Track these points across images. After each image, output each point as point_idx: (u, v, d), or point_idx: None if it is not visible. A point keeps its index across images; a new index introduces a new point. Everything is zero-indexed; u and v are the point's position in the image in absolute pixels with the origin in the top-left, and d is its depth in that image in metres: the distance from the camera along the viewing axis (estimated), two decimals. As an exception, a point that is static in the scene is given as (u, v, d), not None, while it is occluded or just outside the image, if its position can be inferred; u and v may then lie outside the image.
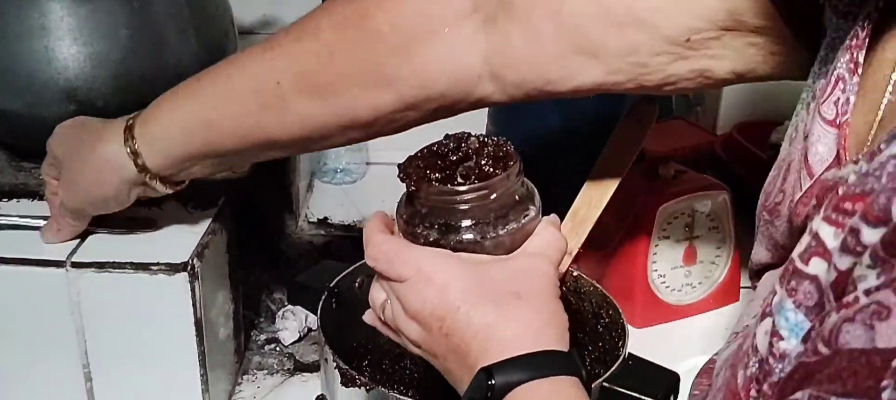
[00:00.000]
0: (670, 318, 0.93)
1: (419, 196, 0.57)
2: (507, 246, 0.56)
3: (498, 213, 0.56)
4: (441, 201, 0.56)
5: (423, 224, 0.56)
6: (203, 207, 0.77)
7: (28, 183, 0.81)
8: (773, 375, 0.43)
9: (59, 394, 0.74)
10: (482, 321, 0.51)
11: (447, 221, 0.56)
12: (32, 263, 0.70)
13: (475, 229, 0.56)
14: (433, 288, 0.52)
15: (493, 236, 0.56)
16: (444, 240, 0.55)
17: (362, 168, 1.24)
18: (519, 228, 0.56)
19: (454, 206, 0.55)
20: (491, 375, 0.49)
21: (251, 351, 0.89)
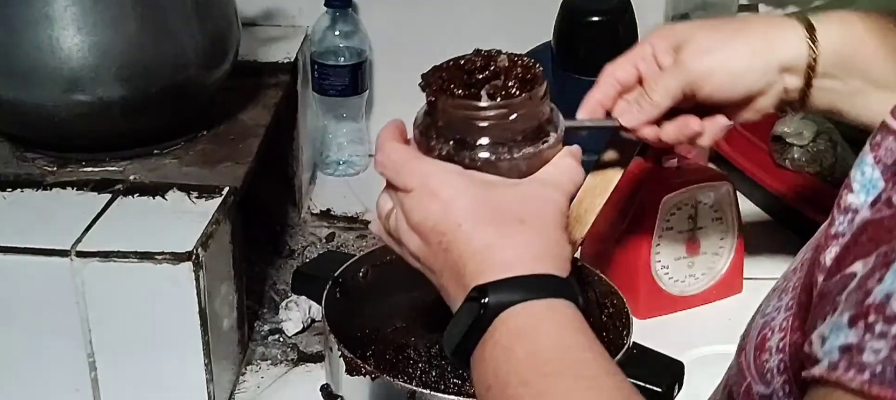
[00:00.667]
0: (673, 309, 0.92)
1: (437, 108, 0.55)
2: (522, 170, 0.54)
3: (516, 135, 0.54)
4: (459, 116, 0.54)
5: (438, 137, 0.54)
6: (207, 198, 0.77)
7: (32, 173, 0.81)
8: (833, 226, 0.41)
9: (64, 383, 0.74)
10: (481, 241, 0.50)
11: (463, 137, 0.53)
12: (37, 253, 0.70)
13: (490, 149, 0.53)
14: (437, 202, 0.51)
15: (507, 158, 0.53)
16: (457, 156, 0.53)
17: (365, 160, 1.24)
18: (535, 153, 0.54)
19: (471, 122, 0.53)
20: (484, 292, 0.48)
21: (254, 342, 0.89)
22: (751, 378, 0.48)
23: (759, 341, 0.48)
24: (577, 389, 0.44)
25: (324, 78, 1.17)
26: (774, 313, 0.48)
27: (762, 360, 0.47)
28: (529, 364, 0.46)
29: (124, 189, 0.79)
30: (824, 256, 0.40)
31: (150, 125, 0.84)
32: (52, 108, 0.79)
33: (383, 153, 0.55)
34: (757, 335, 0.49)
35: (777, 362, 0.46)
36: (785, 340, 0.46)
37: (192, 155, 0.86)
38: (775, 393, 0.46)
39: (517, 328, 0.47)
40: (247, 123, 0.93)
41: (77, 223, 0.73)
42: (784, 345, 0.46)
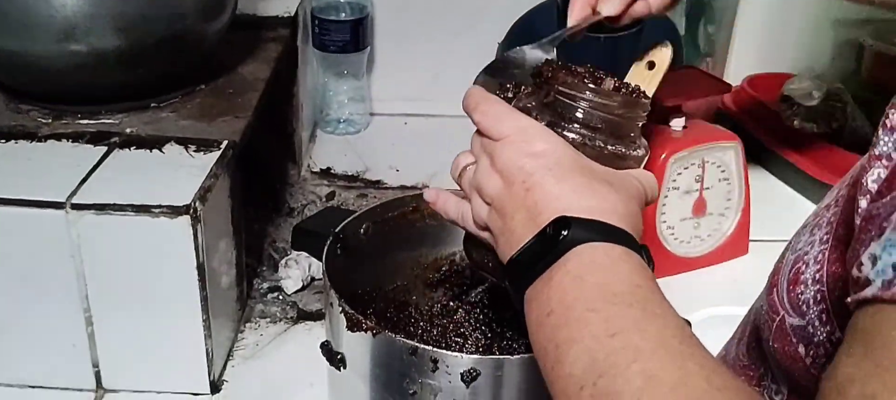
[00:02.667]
0: (678, 270, 0.91)
1: (555, 81, 0.56)
2: (605, 165, 0.55)
3: (612, 130, 0.55)
4: (568, 91, 0.55)
5: (536, 111, 0.55)
6: (205, 151, 0.76)
7: (26, 125, 0.80)
8: (876, 147, 0.40)
9: (60, 338, 0.72)
10: (570, 185, 0.50)
11: (560, 113, 0.55)
12: (31, 204, 0.68)
13: (586, 129, 0.54)
14: (530, 147, 0.51)
15: (599, 146, 0.54)
16: (555, 127, 0.54)
17: (366, 119, 1.23)
18: (625, 154, 0.55)
19: (578, 99, 0.55)
20: (566, 224, 0.47)
21: (254, 299, 0.88)
22: (784, 312, 0.48)
23: (793, 275, 0.48)
24: (645, 319, 0.43)
25: (324, 33, 1.15)
26: (807, 247, 0.48)
27: (797, 292, 0.47)
28: (599, 292, 0.45)
29: (120, 142, 0.77)
30: (867, 179, 0.39)
31: (147, 77, 0.82)
32: (47, 58, 0.77)
33: (485, 103, 0.55)
34: (790, 270, 0.48)
35: (813, 293, 0.46)
36: (822, 271, 0.46)
37: (190, 108, 0.84)
38: (810, 323, 0.46)
39: (592, 261, 0.46)
40: (246, 78, 0.91)
41: (72, 175, 0.71)
42: (821, 276, 0.46)
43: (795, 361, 0.47)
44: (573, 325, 0.44)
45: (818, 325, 0.45)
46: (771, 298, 0.50)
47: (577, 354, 0.43)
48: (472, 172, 0.55)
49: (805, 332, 0.46)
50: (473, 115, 0.55)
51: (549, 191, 0.50)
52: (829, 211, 0.48)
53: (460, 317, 0.73)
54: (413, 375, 0.60)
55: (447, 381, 0.60)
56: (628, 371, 0.40)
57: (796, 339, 0.47)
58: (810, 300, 0.46)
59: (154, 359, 0.74)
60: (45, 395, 0.75)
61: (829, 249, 0.46)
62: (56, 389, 0.75)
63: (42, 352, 0.74)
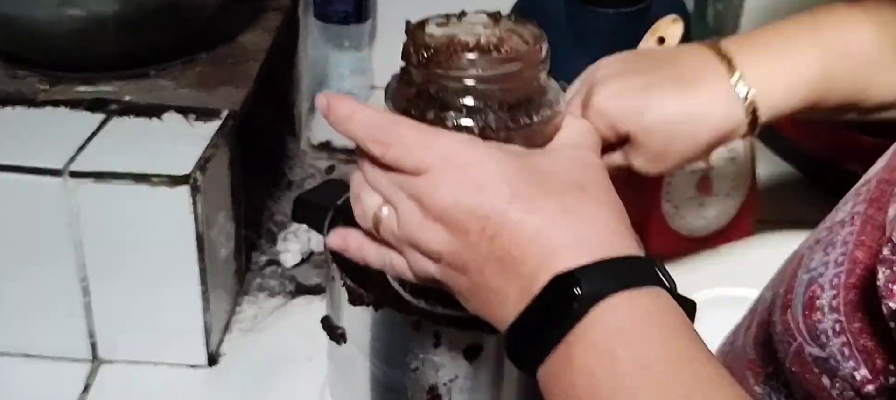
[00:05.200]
0: (682, 250, 0.90)
1: (432, 68, 0.45)
2: (537, 140, 0.46)
3: (526, 96, 0.45)
4: (457, 76, 0.44)
5: (432, 109, 0.44)
6: (205, 120, 0.75)
7: (23, 90, 0.78)
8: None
9: (56, 307, 0.72)
10: (543, 217, 0.40)
11: (464, 103, 0.44)
12: (28, 171, 0.67)
13: (503, 112, 0.44)
14: (470, 179, 0.41)
15: (526, 123, 0.44)
16: (460, 127, 0.44)
17: (367, 92, 1.21)
18: (552, 116, 0.46)
19: (472, 81, 0.44)
20: (574, 280, 0.38)
21: (252, 273, 0.87)
22: (802, 339, 0.44)
23: (808, 299, 0.43)
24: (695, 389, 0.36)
25: (326, 3, 1.13)
26: (822, 269, 0.43)
27: (813, 319, 0.42)
28: (637, 370, 0.37)
29: (119, 109, 0.76)
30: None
31: (146, 44, 0.81)
32: (45, 23, 0.76)
33: (381, 128, 0.43)
34: (804, 292, 0.44)
35: (832, 323, 0.41)
36: (838, 299, 0.41)
37: (189, 77, 0.82)
38: (832, 357, 0.41)
39: (617, 328, 0.38)
40: (246, 47, 0.90)
41: (70, 143, 0.70)
42: (838, 304, 0.41)
43: (820, 390, 0.43)
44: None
45: (841, 359, 0.41)
46: (785, 319, 0.45)
47: None
48: (392, 221, 0.44)
49: (827, 364, 0.42)
50: (370, 148, 0.43)
51: (522, 231, 0.40)
52: (844, 228, 0.43)
53: (463, 293, 0.72)
54: (415, 350, 0.60)
55: (449, 356, 0.59)
56: None
57: (818, 369, 0.43)
58: (829, 331, 0.41)
59: (151, 330, 0.73)
60: (40, 364, 0.74)
61: (845, 274, 0.41)
62: (51, 358, 0.74)
63: (38, 321, 0.73)
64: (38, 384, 0.72)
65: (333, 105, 0.45)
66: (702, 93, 0.56)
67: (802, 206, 1.02)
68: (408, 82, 0.46)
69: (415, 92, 0.46)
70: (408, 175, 0.43)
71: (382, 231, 0.45)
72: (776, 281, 0.53)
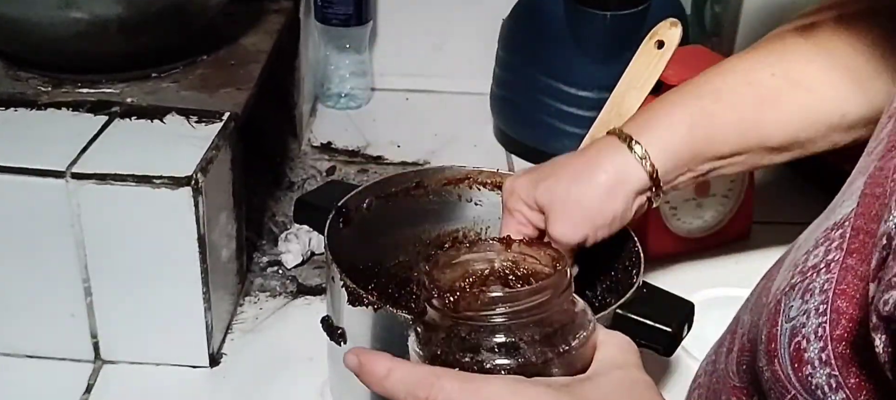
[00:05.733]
0: (679, 250, 0.91)
1: (460, 309, 0.43)
2: (577, 365, 0.44)
3: (557, 322, 0.44)
4: (484, 315, 0.42)
5: (469, 353, 0.43)
6: (207, 122, 0.75)
7: (25, 92, 0.79)
8: None
9: (58, 308, 0.72)
10: None
11: (500, 340, 0.43)
12: (31, 173, 0.67)
13: (540, 344, 0.43)
14: None
15: (565, 349, 0.43)
16: (501, 367, 0.42)
17: (367, 93, 1.22)
18: (588, 336, 0.45)
19: (501, 319, 0.43)
20: None
21: (253, 273, 0.88)
22: (795, 392, 0.43)
23: (794, 352, 0.43)
24: None
25: (327, 6, 1.14)
26: (803, 319, 0.43)
27: (805, 373, 0.42)
28: None
29: (121, 111, 0.76)
30: None
31: (148, 47, 0.81)
32: (47, 25, 0.76)
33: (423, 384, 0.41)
34: (788, 344, 0.43)
35: (826, 378, 0.41)
36: (827, 351, 0.41)
37: (191, 79, 0.83)
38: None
39: None
40: (247, 49, 0.90)
41: (72, 144, 0.70)
42: (828, 357, 0.41)
43: None
44: None
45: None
46: (774, 370, 0.44)
47: None
48: None
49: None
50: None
51: None
52: (820, 276, 0.43)
53: (462, 293, 0.73)
54: (414, 350, 0.60)
55: (449, 357, 0.59)
56: None
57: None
58: (825, 387, 0.41)
59: (153, 331, 0.74)
60: (43, 365, 0.74)
61: (830, 325, 0.41)
62: (54, 359, 0.75)
63: (40, 322, 0.73)
64: (41, 385, 0.73)
65: (367, 363, 0.43)
66: (602, 159, 0.65)
67: (798, 206, 1.02)
68: (434, 327, 0.45)
69: (443, 336, 0.44)
70: None
71: None
72: (754, 308, 0.51)
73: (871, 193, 0.44)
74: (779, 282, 0.48)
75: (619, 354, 0.45)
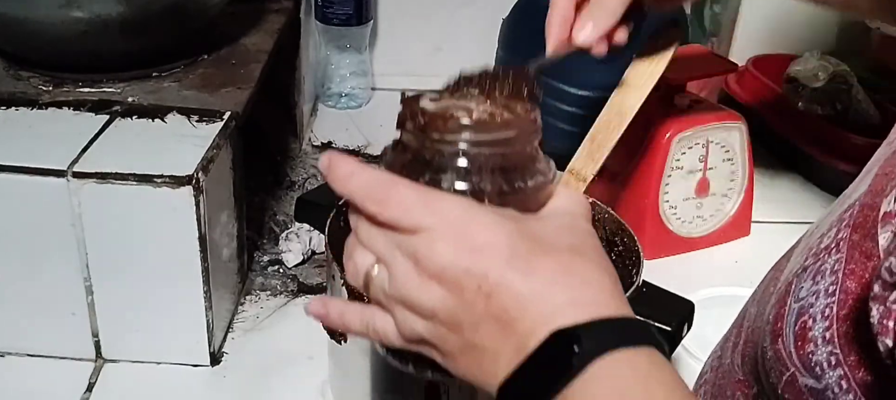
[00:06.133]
0: (679, 250, 0.91)
1: (427, 133, 0.45)
2: (530, 205, 0.46)
3: (522, 161, 0.46)
4: (451, 140, 0.45)
5: (428, 172, 0.45)
6: (208, 122, 0.75)
7: (26, 91, 0.79)
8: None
9: (60, 306, 0.72)
10: (541, 278, 0.40)
11: (460, 165, 0.45)
12: (32, 172, 0.67)
13: (498, 177, 0.45)
14: (468, 240, 0.41)
15: (520, 186, 0.45)
16: (456, 191, 0.44)
17: (367, 93, 1.22)
18: (545, 183, 0.46)
19: (466, 146, 0.45)
20: (574, 337, 0.39)
21: (254, 272, 0.88)
22: (795, 369, 0.44)
23: (799, 330, 0.43)
24: None
25: (327, 6, 1.14)
26: (812, 299, 0.43)
27: (807, 350, 0.42)
28: None
29: (122, 111, 0.76)
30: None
31: (149, 46, 0.82)
32: (48, 24, 0.76)
33: (379, 188, 0.43)
34: (794, 322, 0.44)
35: (827, 355, 0.41)
36: (832, 330, 0.41)
37: (192, 79, 0.83)
38: (829, 388, 0.41)
39: (614, 387, 0.38)
40: (248, 49, 0.91)
41: (74, 144, 0.70)
42: (832, 336, 0.41)
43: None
44: None
45: (838, 392, 0.41)
46: (777, 349, 0.45)
47: None
48: (384, 279, 0.43)
49: (824, 396, 0.42)
50: (368, 207, 0.43)
51: (519, 290, 0.40)
52: (831, 256, 0.43)
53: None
54: (415, 349, 0.60)
55: (449, 356, 0.59)
56: None
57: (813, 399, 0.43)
58: (824, 364, 0.42)
59: (154, 329, 0.74)
60: (45, 363, 0.74)
61: (838, 305, 0.41)
62: (55, 357, 0.75)
63: (41, 321, 0.73)
64: (43, 383, 0.73)
65: (334, 164, 0.44)
66: None
67: (798, 205, 1.03)
68: (403, 149, 0.47)
69: (410, 157, 0.46)
70: (404, 234, 0.42)
71: (372, 290, 0.45)
72: (761, 299, 0.52)
73: (883, 173, 0.45)
74: (791, 265, 0.48)
75: (570, 205, 0.46)
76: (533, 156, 0.47)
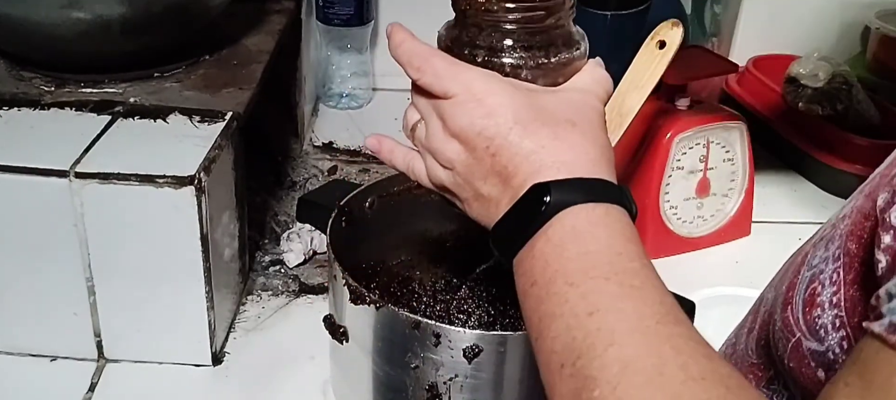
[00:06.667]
0: (680, 250, 0.91)
1: (468, 14, 0.54)
2: (555, 78, 0.54)
3: (548, 40, 0.54)
4: (491, 19, 0.53)
5: (468, 47, 0.54)
6: (210, 122, 0.75)
7: (28, 92, 0.79)
8: None
9: (62, 306, 0.72)
10: (536, 142, 0.48)
11: (494, 44, 0.53)
12: (34, 172, 0.68)
13: (524, 52, 0.53)
14: (483, 108, 0.49)
15: (543, 62, 0.53)
16: (490, 64, 0.53)
17: (368, 93, 1.22)
18: (569, 60, 0.54)
19: (504, 24, 0.53)
20: (546, 190, 0.46)
21: (255, 272, 0.88)
22: (801, 334, 0.46)
23: (809, 296, 0.46)
24: (622, 295, 0.43)
25: (328, 6, 1.14)
26: (822, 265, 0.46)
27: (813, 315, 0.45)
28: (578, 264, 0.44)
29: (124, 111, 0.77)
30: (890, 216, 0.38)
31: (151, 46, 0.82)
32: (50, 25, 0.76)
33: (420, 57, 0.52)
34: (805, 289, 0.47)
35: (832, 318, 0.44)
36: (839, 294, 0.44)
37: (194, 79, 0.83)
38: (830, 350, 0.44)
39: (573, 228, 0.46)
40: (250, 49, 0.91)
41: (76, 144, 0.71)
42: (838, 299, 0.44)
43: (815, 384, 0.46)
44: (553, 299, 0.44)
45: (839, 352, 0.44)
46: (785, 317, 0.48)
47: (558, 330, 0.43)
48: (422, 132, 0.54)
49: (825, 358, 0.45)
50: (409, 72, 0.53)
51: (517, 151, 0.49)
52: (843, 223, 0.47)
53: (464, 293, 0.73)
54: (415, 349, 0.60)
55: (449, 356, 0.60)
56: (605, 356, 0.40)
57: (815, 363, 0.46)
58: (828, 326, 0.44)
59: (156, 329, 0.74)
60: (47, 363, 0.75)
61: (844, 269, 0.44)
62: (57, 357, 0.75)
63: (43, 320, 0.73)
64: (45, 383, 0.73)
65: (391, 32, 0.53)
66: None
67: (798, 205, 1.03)
68: (454, 25, 0.56)
69: (457, 33, 0.55)
70: (436, 99, 0.51)
71: (415, 139, 0.55)
72: (778, 280, 0.53)
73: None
74: (812, 239, 0.52)
75: (590, 82, 0.54)
76: (564, 34, 0.54)
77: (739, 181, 0.91)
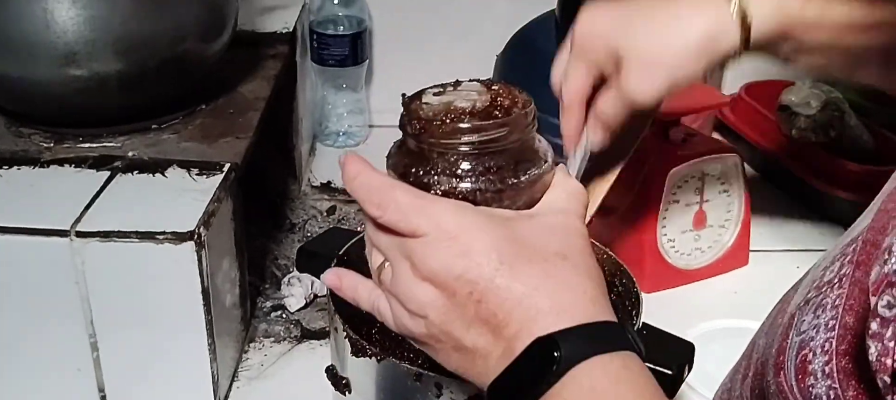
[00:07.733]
0: (679, 282, 0.92)
1: (425, 137, 0.49)
2: (526, 199, 0.49)
3: (514, 157, 0.49)
4: (449, 144, 0.48)
5: (425, 174, 0.48)
6: (208, 175, 0.76)
7: (28, 149, 0.80)
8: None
9: (65, 362, 0.73)
10: (527, 284, 0.43)
11: (453, 169, 0.48)
12: (36, 233, 0.68)
13: (492, 175, 0.48)
14: (459, 246, 0.43)
15: (513, 183, 0.48)
16: (453, 191, 0.48)
17: (365, 131, 1.23)
18: (539, 176, 0.49)
19: (464, 147, 0.48)
20: (554, 344, 0.41)
21: (257, 318, 0.88)
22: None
23: (800, 363, 0.44)
24: None
25: (323, 48, 1.15)
26: (812, 332, 0.44)
27: (807, 384, 0.44)
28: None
29: (123, 166, 0.77)
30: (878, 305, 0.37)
31: (148, 99, 0.82)
32: (48, 83, 0.77)
33: (381, 192, 0.46)
34: (796, 356, 0.45)
35: (826, 389, 0.43)
36: (831, 364, 0.42)
37: (192, 130, 0.84)
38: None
39: (592, 389, 0.41)
40: (246, 97, 0.92)
41: (76, 202, 0.71)
42: (831, 370, 0.42)
43: None
44: None
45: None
46: (779, 382, 0.47)
47: None
48: (388, 274, 0.47)
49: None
50: (369, 209, 0.46)
51: (507, 296, 0.43)
52: (833, 291, 0.45)
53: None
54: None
55: (452, 406, 0.60)
56: None
57: None
58: (823, 397, 0.43)
59: (159, 383, 0.74)
60: (52, 419, 0.75)
61: (837, 340, 0.43)
62: (62, 413, 0.75)
63: (47, 377, 0.74)
64: (50, 439, 0.74)
65: (344, 163, 0.49)
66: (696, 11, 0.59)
67: (795, 233, 1.03)
68: (406, 150, 0.51)
69: (411, 158, 0.50)
70: (403, 237, 0.46)
71: (382, 281, 0.48)
72: (769, 331, 0.53)
73: (885, 209, 0.45)
74: (797, 299, 0.49)
75: (565, 200, 0.49)
76: (529, 150, 0.50)
77: (736, 212, 0.92)
